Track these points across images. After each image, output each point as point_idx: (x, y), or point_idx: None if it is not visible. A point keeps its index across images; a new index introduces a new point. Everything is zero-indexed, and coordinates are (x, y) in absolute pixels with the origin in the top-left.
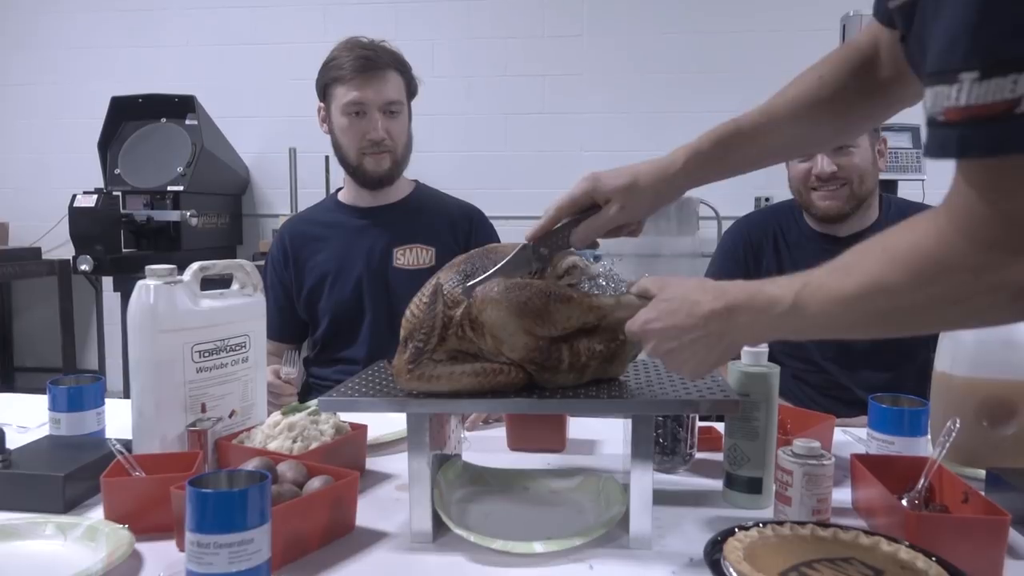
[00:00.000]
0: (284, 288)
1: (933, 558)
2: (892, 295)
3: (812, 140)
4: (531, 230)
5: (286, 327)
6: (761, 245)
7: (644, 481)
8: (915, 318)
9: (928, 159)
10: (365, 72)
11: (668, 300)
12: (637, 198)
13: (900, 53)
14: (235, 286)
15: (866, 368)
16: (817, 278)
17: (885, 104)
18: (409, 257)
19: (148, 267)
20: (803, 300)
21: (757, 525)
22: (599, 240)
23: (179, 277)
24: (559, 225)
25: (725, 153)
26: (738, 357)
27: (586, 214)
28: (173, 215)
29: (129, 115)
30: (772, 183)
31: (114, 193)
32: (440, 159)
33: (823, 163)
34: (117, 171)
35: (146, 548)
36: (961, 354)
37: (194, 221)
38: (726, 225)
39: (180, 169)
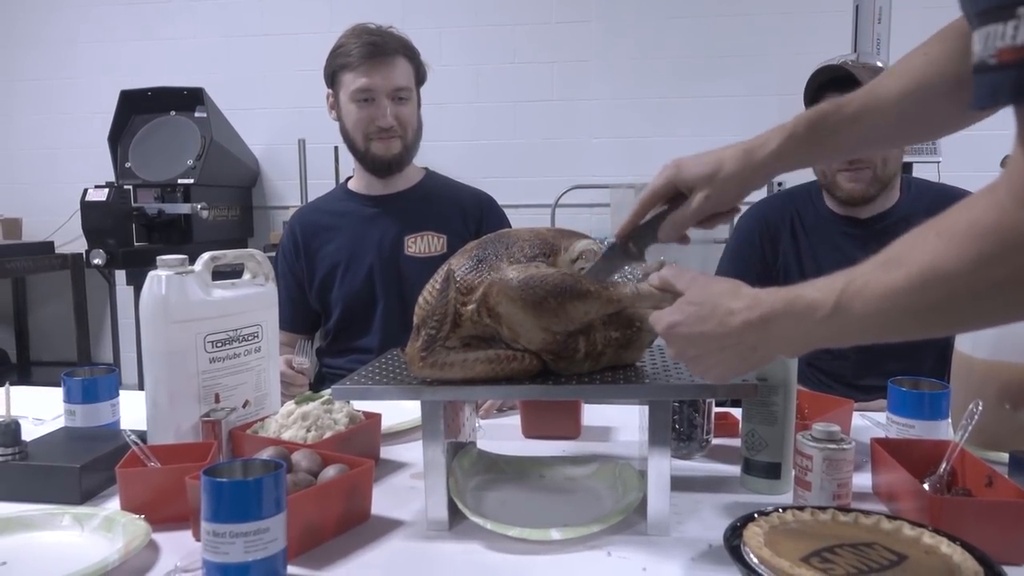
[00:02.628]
0: (296, 278)
1: (957, 542)
2: (949, 282)
3: (922, 126)
4: (619, 227)
5: (298, 317)
6: (778, 228)
7: (662, 467)
8: (976, 307)
9: (975, 112)
10: (373, 58)
11: (698, 304)
12: (722, 185)
13: None
14: (247, 276)
15: (885, 355)
16: (862, 275)
17: None
18: (421, 245)
19: (159, 258)
20: (847, 300)
21: (777, 510)
22: (688, 234)
23: (190, 268)
24: (647, 219)
25: (824, 136)
26: None
27: (674, 204)
28: (184, 208)
29: (138, 108)
30: None
31: (125, 187)
32: (449, 148)
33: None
34: (128, 165)
35: (162, 538)
36: (982, 337)
37: (205, 214)
38: (739, 210)
39: (190, 162)
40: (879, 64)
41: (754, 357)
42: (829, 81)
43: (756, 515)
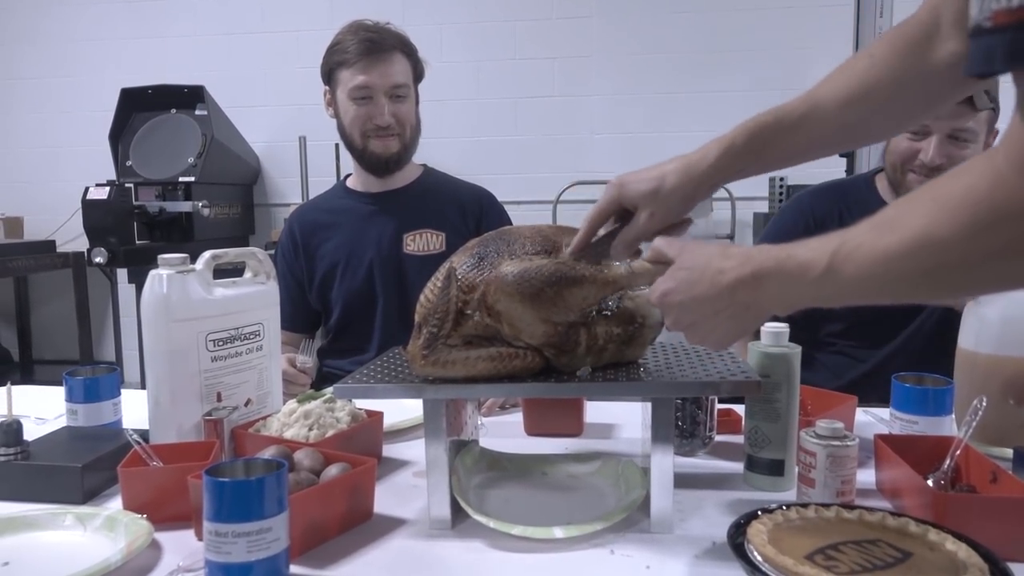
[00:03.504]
0: (295, 277)
1: (962, 539)
2: (942, 249)
3: (866, 130)
4: (571, 246)
5: (298, 316)
6: (825, 223)
7: (665, 464)
8: (968, 274)
9: (969, 77)
10: (370, 55)
11: (689, 268)
12: (665, 202)
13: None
14: (248, 274)
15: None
16: (855, 237)
17: (946, 86)
18: (419, 243)
19: (161, 256)
20: (839, 262)
21: (781, 508)
22: (641, 247)
23: (192, 266)
24: (598, 237)
25: (763, 147)
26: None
27: (624, 220)
28: (185, 206)
29: (139, 106)
30: None
31: (126, 185)
32: (450, 145)
33: (933, 152)
34: (129, 163)
35: (165, 538)
36: (986, 332)
37: (206, 212)
38: (741, 206)
39: (191, 160)
40: None
41: (747, 316)
42: None
43: (760, 512)
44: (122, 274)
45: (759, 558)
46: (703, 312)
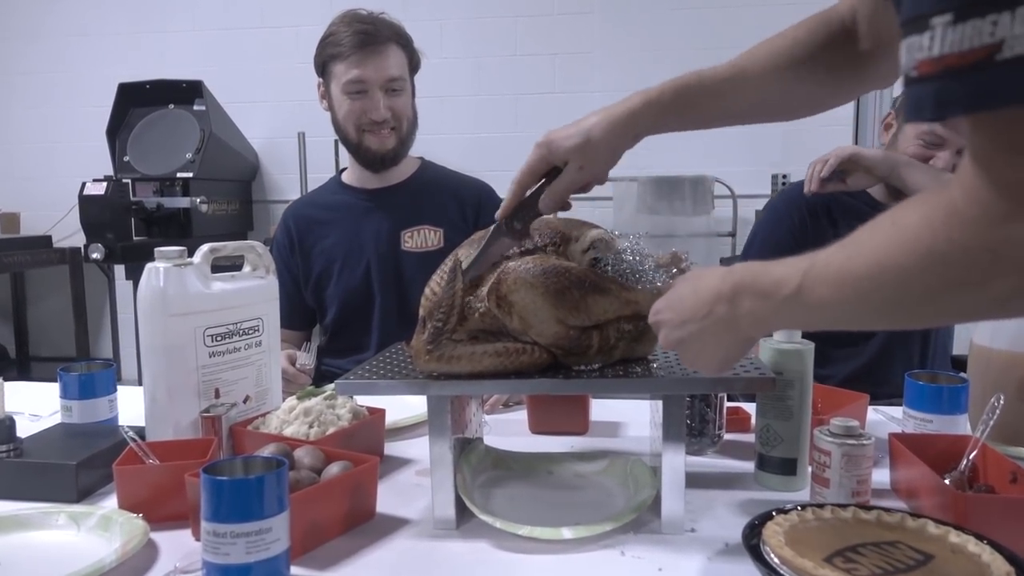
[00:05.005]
0: (291, 274)
1: (985, 541)
2: (902, 277)
3: (781, 105)
4: (500, 209)
5: (294, 313)
6: (817, 213)
7: (676, 463)
8: (928, 306)
9: (907, 123)
10: (364, 48)
11: (679, 285)
12: (593, 155)
13: (879, 23)
14: (247, 268)
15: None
16: (825, 256)
17: (859, 78)
18: (417, 240)
19: (157, 249)
20: (809, 281)
21: (796, 508)
22: (570, 200)
23: (189, 260)
24: (527, 196)
25: (686, 106)
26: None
27: (550, 178)
28: (183, 202)
29: (137, 102)
30: (789, 160)
31: (124, 181)
32: (450, 141)
33: (947, 164)
34: (126, 158)
35: (161, 537)
36: (1002, 328)
37: (204, 208)
38: (742, 204)
39: (189, 155)
40: None
41: (728, 336)
42: None
43: (775, 513)
44: (120, 271)
45: (776, 560)
46: (689, 330)
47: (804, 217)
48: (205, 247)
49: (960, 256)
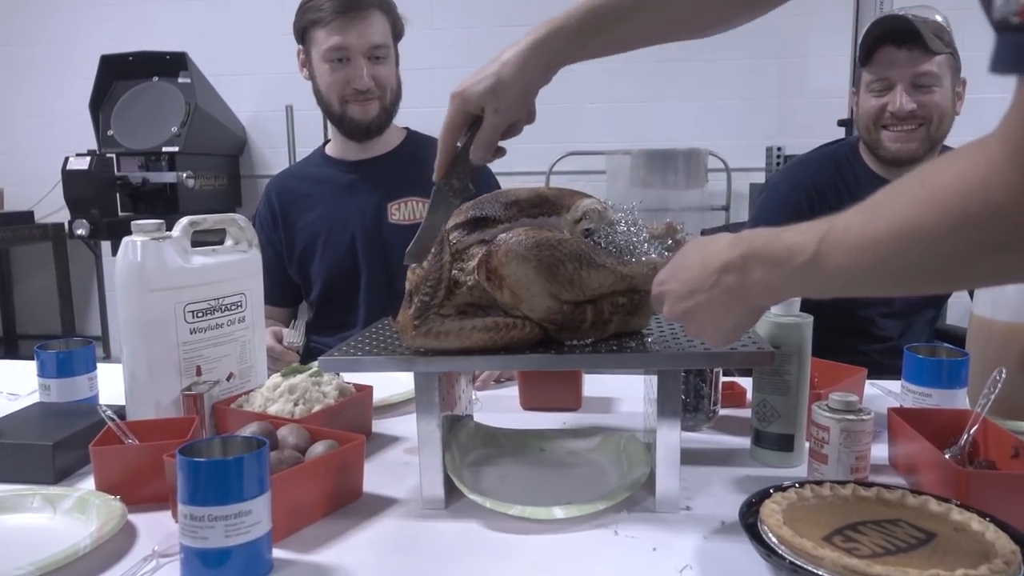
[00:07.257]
0: (274, 249)
1: (988, 518)
2: (929, 241)
3: (692, 22)
4: (435, 171)
5: (277, 290)
6: (823, 191)
7: (671, 440)
8: (956, 269)
9: (997, 75)
10: (346, 13)
11: (684, 254)
12: (506, 94)
13: None
14: (229, 242)
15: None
16: (843, 220)
17: None
18: (404, 212)
19: (134, 223)
20: (827, 247)
21: (794, 485)
22: (502, 145)
23: (167, 233)
24: (458, 151)
25: (594, 30)
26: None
27: (473, 129)
28: (169, 177)
29: (120, 74)
30: (783, 132)
31: (108, 155)
32: (440, 114)
33: (902, 99)
34: (110, 132)
35: (140, 520)
36: (1003, 299)
37: (191, 183)
38: (736, 177)
39: (174, 129)
40: (939, 19)
41: (738, 306)
42: (886, 33)
43: (772, 491)
44: (106, 247)
45: (774, 540)
46: (696, 299)
47: (812, 197)
48: (184, 220)
49: (994, 218)
